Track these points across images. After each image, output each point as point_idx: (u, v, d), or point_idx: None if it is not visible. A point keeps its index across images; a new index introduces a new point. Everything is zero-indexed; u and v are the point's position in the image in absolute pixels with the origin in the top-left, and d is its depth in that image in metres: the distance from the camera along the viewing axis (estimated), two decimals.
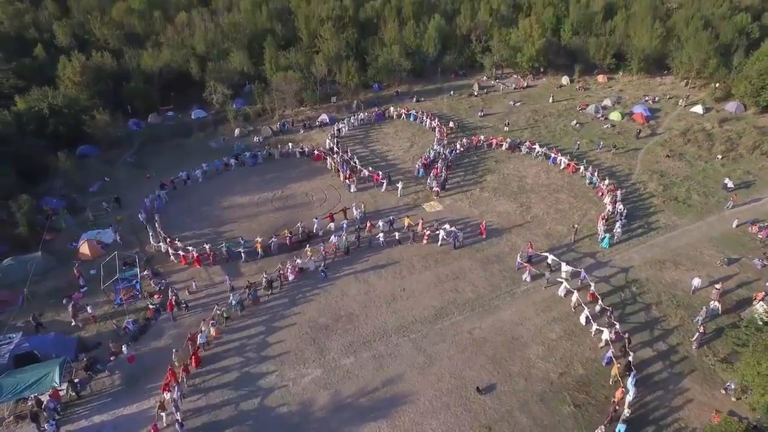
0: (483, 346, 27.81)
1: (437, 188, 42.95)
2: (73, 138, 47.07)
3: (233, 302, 29.84)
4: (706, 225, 38.48)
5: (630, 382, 24.07)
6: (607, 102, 61.46)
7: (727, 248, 35.35)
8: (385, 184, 43.46)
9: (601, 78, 70.79)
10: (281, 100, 58.69)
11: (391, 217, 38.33)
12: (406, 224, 37.61)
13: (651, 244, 36.43)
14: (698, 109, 59.15)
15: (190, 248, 34.53)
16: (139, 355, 27.30)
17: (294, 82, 57.78)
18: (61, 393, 24.47)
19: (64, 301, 30.42)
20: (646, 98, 62.73)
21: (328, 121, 57.64)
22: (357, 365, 26.76)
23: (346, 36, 69.66)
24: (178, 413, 22.97)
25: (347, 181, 44.11)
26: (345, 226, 36.88)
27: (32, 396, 23.93)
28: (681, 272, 33.23)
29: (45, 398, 23.83)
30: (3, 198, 35.18)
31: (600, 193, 42.03)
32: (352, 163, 46.45)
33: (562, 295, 30.60)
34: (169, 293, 30.62)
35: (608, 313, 28.50)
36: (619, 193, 40.86)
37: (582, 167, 44.80)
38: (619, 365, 24.70)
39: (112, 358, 27.10)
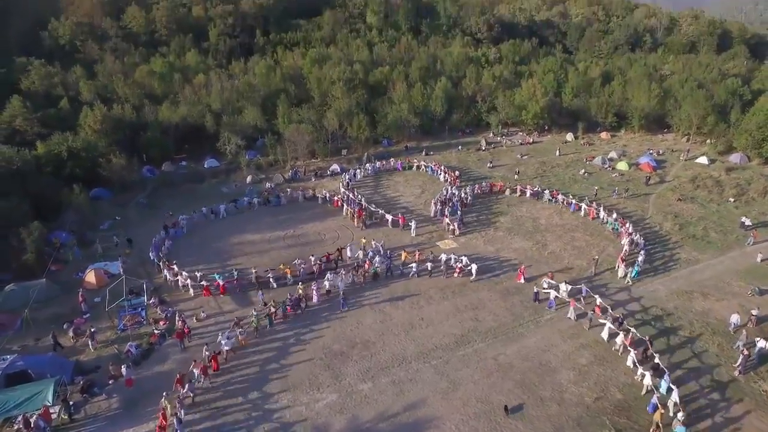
0: (509, 371, 25.88)
1: (453, 226, 42.40)
2: (88, 180, 47.57)
3: (263, 315, 29.88)
4: (728, 260, 37.52)
5: (665, 381, 23.56)
6: (613, 154, 62.72)
7: (754, 280, 34.08)
8: (413, 226, 42.71)
9: (604, 135, 72.92)
10: (293, 152, 60.10)
11: (388, 252, 37.50)
12: (403, 258, 36.48)
13: (674, 276, 35.28)
14: (703, 159, 60.24)
15: (199, 277, 33.52)
16: (139, 379, 25.40)
17: (306, 135, 59.54)
18: (53, 414, 22.41)
19: (64, 326, 28.97)
20: (651, 151, 63.99)
21: (339, 170, 58.57)
22: (375, 390, 24.73)
23: (357, 96, 72.88)
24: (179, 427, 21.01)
25: (358, 220, 43.97)
26: (380, 249, 37.37)
27: (20, 416, 21.85)
28: (711, 302, 31.83)
29: (34, 418, 21.75)
30: (14, 225, 34.72)
31: (620, 237, 41.05)
32: (365, 205, 46.51)
33: (605, 338, 27.92)
34: (177, 319, 29.16)
35: (619, 320, 28.33)
36: (630, 226, 40.69)
37: (604, 214, 43.86)
38: (662, 412, 21.77)
39: (110, 382, 25.18)
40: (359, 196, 48.77)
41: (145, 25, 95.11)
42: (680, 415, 21.55)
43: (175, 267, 34.55)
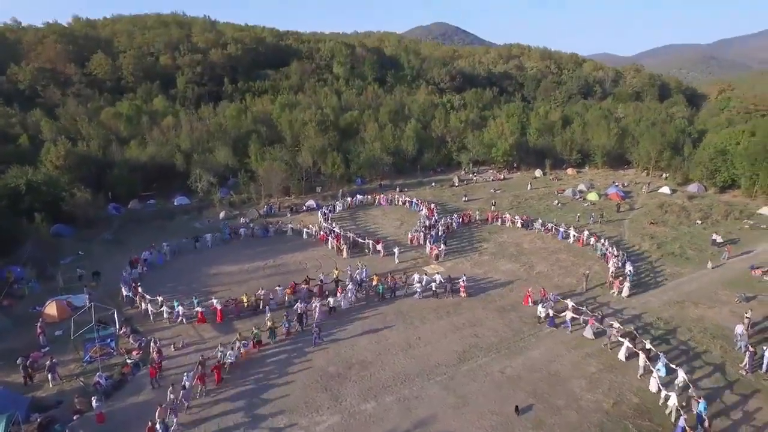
0: (519, 382, 24.46)
1: (438, 251, 41.66)
2: (50, 216, 44.24)
3: (265, 329, 28.46)
4: (709, 273, 38.28)
5: (661, 363, 23.98)
6: (582, 187, 64.97)
7: (738, 289, 34.70)
8: (396, 252, 41.64)
9: (570, 171, 75.85)
10: (267, 189, 58.82)
11: (358, 277, 35.78)
12: (375, 281, 35.00)
13: (663, 289, 35.56)
14: (665, 189, 63.26)
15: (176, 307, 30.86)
16: (112, 412, 22.25)
17: (280, 172, 58.67)
18: None
19: (18, 361, 25.40)
20: (616, 183, 66.72)
21: (315, 206, 57.48)
22: (380, 409, 22.61)
23: (329, 137, 73.34)
24: None
25: (346, 250, 42.69)
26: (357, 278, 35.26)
27: None
28: (703, 310, 32.02)
29: None
30: None
31: (606, 259, 41.04)
32: (346, 233, 45.35)
33: (623, 358, 26.10)
34: (152, 348, 26.30)
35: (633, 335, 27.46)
36: (615, 249, 41.14)
37: (593, 240, 43.84)
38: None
39: (75, 417, 21.88)
40: (335, 226, 47.78)
41: (110, 72, 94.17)
42: (691, 391, 22.03)
43: (148, 296, 31.75)
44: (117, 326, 28.90)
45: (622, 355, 26.21)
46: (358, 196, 60.18)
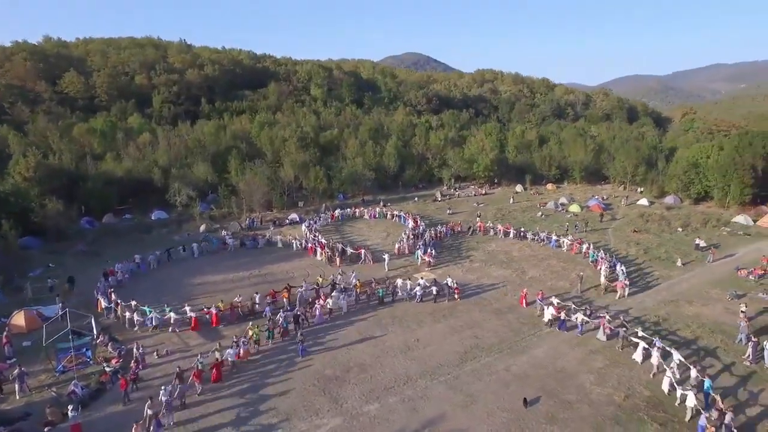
0: (526, 380, 23.52)
1: (429, 258, 40.93)
2: (18, 227, 41.52)
3: (263, 330, 27.43)
4: (697, 274, 38.66)
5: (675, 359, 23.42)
6: (563, 200, 65.73)
7: (728, 287, 35.02)
8: (386, 259, 40.72)
9: (550, 186, 76.99)
10: (249, 202, 57.31)
11: (342, 284, 34.66)
12: (358, 288, 33.73)
13: (656, 290, 35.59)
14: (644, 201, 64.69)
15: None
16: (89, 422, 20.20)
17: (262, 185, 57.38)
18: None
19: None
20: (596, 197, 67.89)
21: (298, 219, 56.19)
22: (385, 410, 21.25)
23: (310, 153, 72.64)
24: None
25: (339, 260, 41.51)
26: (341, 284, 33.32)
27: None
28: (698, 307, 32.03)
29: None
30: None
31: (597, 266, 40.94)
32: (338, 245, 44.24)
33: (639, 360, 24.83)
34: (135, 353, 24.35)
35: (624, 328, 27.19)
36: (607, 254, 41.11)
37: (585, 247, 43.59)
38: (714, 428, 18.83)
39: (46, 429, 19.72)
40: (321, 237, 46.69)
41: (83, 90, 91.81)
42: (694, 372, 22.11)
43: (121, 301, 29.82)
44: (95, 333, 26.73)
45: (637, 356, 24.96)
46: (344, 209, 59.13)
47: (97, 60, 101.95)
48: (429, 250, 42.13)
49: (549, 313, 29.58)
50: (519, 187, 75.45)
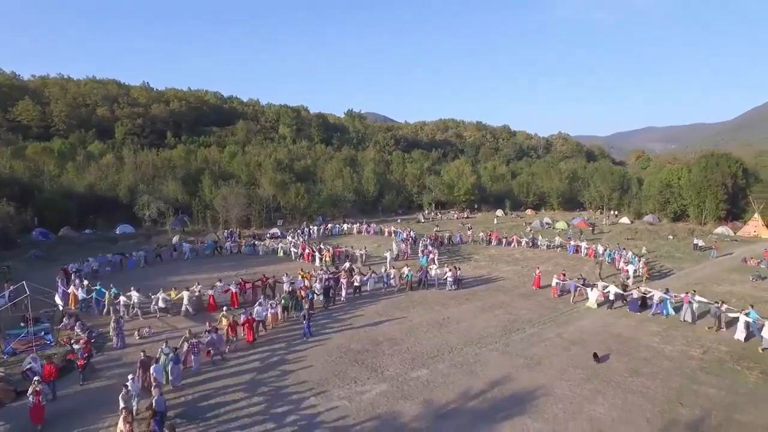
0: (586, 344, 20.49)
1: (434, 255, 38.02)
2: None
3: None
4: (707, 266, 37.70)
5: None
6: (547, 219, 65.22)
7: (746, 273, 34.01)
8: (388, 257, 37.37)
9: (529, 212, 76.79)
10: (225, 218, 52.92)
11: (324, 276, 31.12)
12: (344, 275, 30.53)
13: (674, 277, 34.04)
14: (625, 220, 65.14)
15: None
16: (58, 401, 15.27)
17: (241, 197, 53.47)
18: None
19: None
20: (580, 216, 67.97)
21: (279, 234, 52.11)
22: (437, 375, 17.52)
23: (287, 177, 69.56)
24: None
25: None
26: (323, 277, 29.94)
27: None
28: (727, 287, 30.61)
29: None
30: None
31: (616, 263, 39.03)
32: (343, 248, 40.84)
33: (742, 338, 20.56)
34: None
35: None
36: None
37: (602, 248, 41.53)
38: None
39: None
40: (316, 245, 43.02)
41: (38, 118, 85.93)
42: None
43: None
44: (51, 321, 21.69)
45: (740, 334, 20.62)
46: (345, 224, 56.06)
47: (55, 91, 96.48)
48: (433, 248, 39.34)
49: (594, 296, 26.60)
50: (500, 212, 74.78)
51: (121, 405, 13.62)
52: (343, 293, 27.62)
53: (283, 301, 24.11)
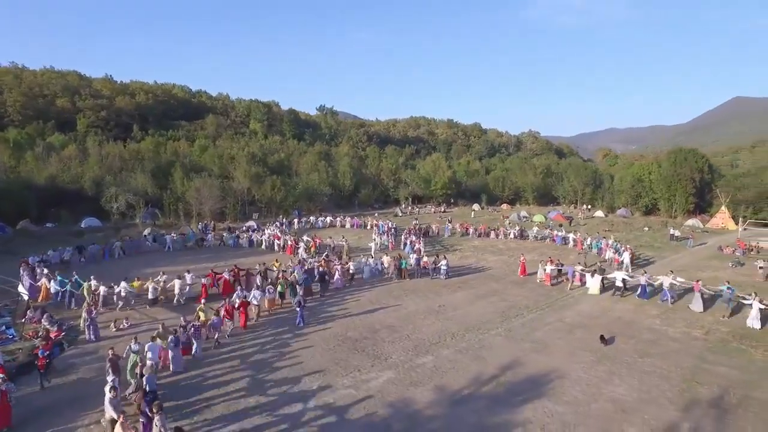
0: (588, 327, 20.10)
1: (419, 245, 37.27)
2: None
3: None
4: (686, 255, 38.42)
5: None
6: (524, 213, 65.60)
7: (725, 261, 34.74)
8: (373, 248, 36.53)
9: (505, 206, 77.24)
10: (198, 211, 50.61)
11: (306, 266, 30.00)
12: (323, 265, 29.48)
13: (659, 265, 34.29)
14: (600, 213, 66.24)
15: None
16: (20, 397, 13.55)
17: (214, 189, 51.28)
18: None
19: None
20: (556, 210, 68.70)
21: (255, 227, 50.21)
22: (443, 361, 16.66)
23: (261, 170, 67.48)
24: None
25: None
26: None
27: None
28: (710, 273, 30.93)
29: None
30: None
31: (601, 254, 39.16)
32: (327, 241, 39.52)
33: (757, 326, 19.71)
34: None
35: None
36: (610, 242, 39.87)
37: (588, 239, 41.83)
38: None
39: None
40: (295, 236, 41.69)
41: None
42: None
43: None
44: (12, 315, 19.67)
45: (753, 320, 19.75)
46: (327, 218, 54.63)
47: (8, 80, 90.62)
48: (417, 238, 38.60)
49: (595, 282, 26.16)
50: (476, 206, 74.87)
51: (113, 414, 11.90)
52: (336, 278, 26.87)
53: (279, 287, 23.20)
